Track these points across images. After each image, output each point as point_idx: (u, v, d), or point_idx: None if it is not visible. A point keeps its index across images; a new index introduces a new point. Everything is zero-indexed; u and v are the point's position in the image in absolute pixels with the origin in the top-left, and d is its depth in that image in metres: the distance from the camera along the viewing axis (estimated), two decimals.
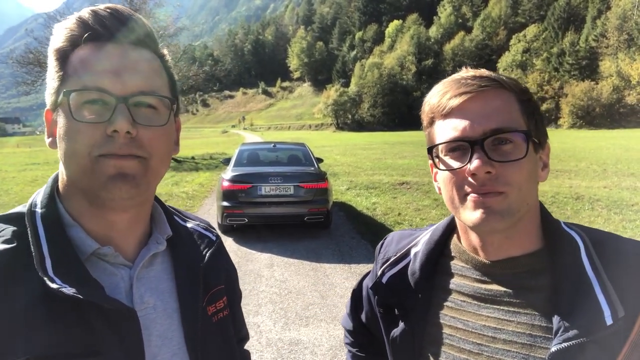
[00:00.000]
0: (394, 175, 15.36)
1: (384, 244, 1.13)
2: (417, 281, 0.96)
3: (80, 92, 0.74)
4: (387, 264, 1.04)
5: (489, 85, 0.81)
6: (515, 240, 0.85)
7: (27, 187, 14.72)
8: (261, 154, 9.70)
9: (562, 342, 0.74)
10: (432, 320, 0.94)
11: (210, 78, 33.47)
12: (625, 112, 61.12)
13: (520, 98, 0.83)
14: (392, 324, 1.00)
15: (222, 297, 0.96)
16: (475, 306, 0.88)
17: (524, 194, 0.80)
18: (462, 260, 0.93)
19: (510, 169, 0.78)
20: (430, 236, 1.00)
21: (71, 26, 0.77)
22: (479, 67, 0.88)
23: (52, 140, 0.81)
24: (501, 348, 0.83)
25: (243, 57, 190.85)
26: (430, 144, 0.88)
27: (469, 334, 0.88)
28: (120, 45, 0.78)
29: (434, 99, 0.85)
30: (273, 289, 5.62)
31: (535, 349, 0.80)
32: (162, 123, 0.79)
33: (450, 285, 0.93)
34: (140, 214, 0.86)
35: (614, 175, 13.67)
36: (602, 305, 0.74)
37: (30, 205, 0.80)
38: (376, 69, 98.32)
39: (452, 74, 0.88)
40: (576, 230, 0.86)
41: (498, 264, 0.87)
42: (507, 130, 0.79)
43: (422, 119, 0.91)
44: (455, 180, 0.82)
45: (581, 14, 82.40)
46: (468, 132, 0.79)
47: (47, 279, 0.70)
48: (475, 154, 0.78)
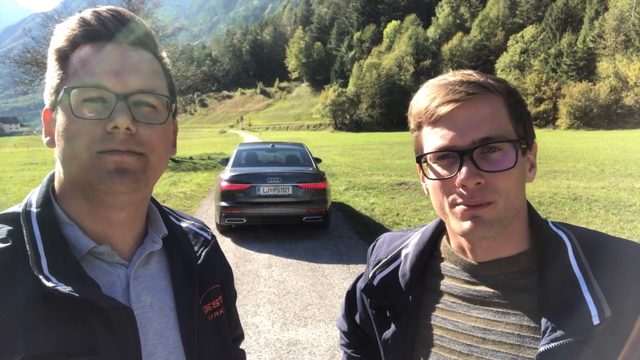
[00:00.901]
0: (392, 176, 15.38)
1: (376, 245, 1.14)
2: (407, 283, 0.96)
3: (82, 89, 0.74)
4: (379, 266, 1.04)
5: (477, 92, 0.80)
6: (503, 242, 0.85)
7: (25, 187, 14.69)
8: (259, 154, 9.67)
9: (550, 343, 0.74)
10: (423, 321, 0.94)
11: (209, 78, 33.43)
12: (622, 113, 61.34)
13: (509, 102, 0.82)
14: (384, 326, 1.00)
15: (217, 296, 0.97)
16: (465, 307, 0.89)
17: (512, 200, 0.80)
18: (452, 262, 0.93)
19: (500, 178, 0.78)
20: (420, 238, 1.00)
21: (73, 26, 0.78)
22: (477, 68, 0.88)
23: (50, 139, 0.81)
24: (490, 349, 0.83)
25: (241, 57, 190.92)
26: (419, 150, 0.88)
27: (459, 335, 0.88)
28: (121, 46, 0.79)
29: (422, 104, 0.84)
30: (271, 289, 5.62)
31: (523, 349, 0.80)
32: (161, 122, 0.80)
33: (440, 287, 0.93)
34: (137, 212, 0.86)
35: (611, 176, 13.71)
36: (589, 305, 0.74)
37: (25, 205, 0.80)
38: (374, 69, 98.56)
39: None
40: (564, 230, 0.86)
41: (486, 265, 0.87)
42: (496, 140, 0.78)
43: (409, 120, 0.91)
44: (444, 188, 0.82)
45: (579, 15, 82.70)
46: (457, 141, 0.79)
47: (42, 277, 0.70)
48: (465, 165, 0.77)
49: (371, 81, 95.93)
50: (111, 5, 0.84)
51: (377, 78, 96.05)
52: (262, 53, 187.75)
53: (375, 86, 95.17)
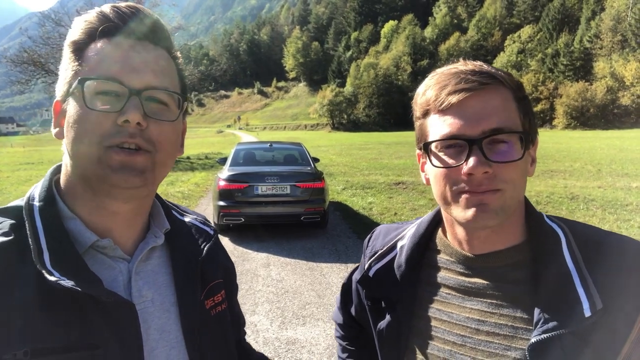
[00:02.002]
0: (390, 175, 15.39)
1: (372, 237, 1.14)
2: (402, 274, 0.97)
3: (95, 81, 0.75)
4: (375, 257, 1.05)
5: (489, 83, 0.80)
6: (501, 234, 0.86)
7: (22, 187, 14.63)
8: (257, 154, 9.64)
9: (542, 334, 0.75)
10: (418, 312, 0.95)
11: (206, 78, 33.41)
12: (619, 112, 61.57)
13: (517, 96, 0.82)
14: (379, 316, 1.01)
15: (220, 291, 0.97)
16: (459, 299, 0.89)
17: (518, 191, 0.81)
18: (447, 254, 0.94)
19: (507, 169, 0.78)
20: (416, 229, 1.00)
21: (92, 19, 0.79)
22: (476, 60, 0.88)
23: (59, 130, 0.81)
24: (484, 339, 0.84)
25: (239, 56, 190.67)
26: (422, 138, 0.88)
27: (453, 326, 0.89)
28: (137, 42, 0.79)
29: (431, 92, 0.84)
30: (270, 288, 5.61)
31: (516, 340, 0.81)
32: (171, 119, 0.81)
33: (435, 279, 0.94)
34: (141, 206, 0.86)
35: (608, 175, 13.76)
36: (581, 298, 0.75)
37: (28, 199, 0.80)
38: (372, 69, 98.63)
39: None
40: (558, 223, 0.87)
41: (482, 257, 0.87)
42: (506, 131, 0.78)
43: (413, 108, 0.90)
44: (448, 177, 0.82)
45: (575, 15, 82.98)
46: (466, 130, 0.79)
47: (45, 271, 0.70)
48: (473, 154, 0.77)
49: (368, 81, 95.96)
50: (125, 2, 0.85)
51: (374, 78, 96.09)
52: (260, 53, 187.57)
53: (372, 86, 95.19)
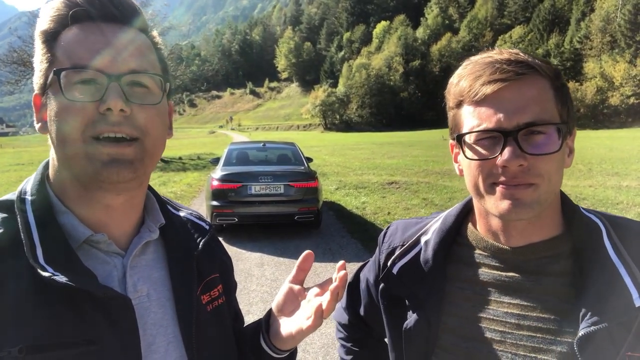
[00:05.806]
0: (383, 175, 15.42)
1: (388, 233, 1.10)
2: (430, 270, 0.93)
3: (71, 70, 0.72)
4: (397, 254, 1.01)
5: (526, 73, 0.77)
6: (537, 226, 0.84)
7: (12, 188, 14.33)
8: (251, 154, 9.62)
9: (590, 326, 0.73)
10: (447, 309, 0.91)
11: (198, 78, 33.36)
12: (608, 112, 62.27)
13: (555, 84, 0.80)
14: (399, 316, 0.97)
15: (216, 286, 0.95)
16: (495, 294, 0.87)
17: (554, 185, 0.79)
18: (480, 248, 0.91)
19: (542, 161, 0.76)
20: (442, 223, 0.97)
21: (58, 6, 0.75)
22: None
23: (42, 124, 0.78)
24: (526, 334, 0.82)
25: (230, 57, 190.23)
26: (456, 129, 0.86)
27: (491, 322, 0.86)
28: (110, 25, 0.76)
29: (465, 82, 0.81)
30: (264, 287, 5.60)
31: (562, 334, 0.79)
32: (155, 102, 0.78)
33: (465, 274, 0.91)
34: (134, 199, 0.84)
35: (598, 174, 13.89)
36: (629, 288, 0.73)
37: (19, 193, 0.79)
38: (364, 69, 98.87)
39: (439, 74, 0.85)
40: (596, 214, 0.86)
41: (518, 250, 0.85)
42: (542, 123, 0.76)
43: (446, 97, 0.88)
44: (482, 168, 0.80)
45: (565, 16, 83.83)
46: (502, 122, 0.76)
47: (38, 267, 0.68)
48: (508, 146, 0.75)
49: (361, 81, 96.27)
50: None
51: (366, 78, 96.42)
52: (252, 53, 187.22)
53: (364, 86, 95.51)
